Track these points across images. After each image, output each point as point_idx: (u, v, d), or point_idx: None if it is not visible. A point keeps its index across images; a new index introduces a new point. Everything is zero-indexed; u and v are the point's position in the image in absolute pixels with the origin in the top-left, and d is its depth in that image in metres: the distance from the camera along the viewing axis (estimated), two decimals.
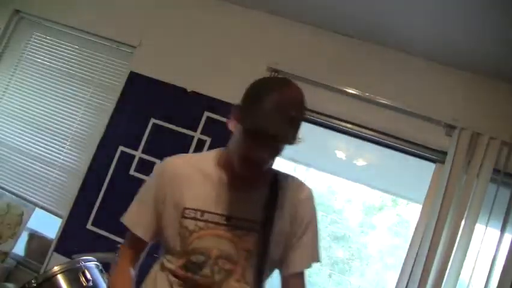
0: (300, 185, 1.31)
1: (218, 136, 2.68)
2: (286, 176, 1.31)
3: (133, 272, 1.31)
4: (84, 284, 1.81)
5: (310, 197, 1.30)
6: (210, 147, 2.66)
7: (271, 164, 1.21)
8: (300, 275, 1.27)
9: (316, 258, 1.28)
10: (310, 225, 1.27)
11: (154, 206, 1.25)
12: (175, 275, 1.21)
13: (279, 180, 1.27)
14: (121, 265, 1.32)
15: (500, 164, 2.38)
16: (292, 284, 1.26)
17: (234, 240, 1.18)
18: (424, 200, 2.52)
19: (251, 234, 1.19)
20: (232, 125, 1.20)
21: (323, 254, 1.28)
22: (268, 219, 1.20)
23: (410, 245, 2.43)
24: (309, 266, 1.26)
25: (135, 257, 1.33)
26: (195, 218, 1.18)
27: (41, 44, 3.15)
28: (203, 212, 1.19)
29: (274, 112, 1.07)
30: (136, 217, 1.29)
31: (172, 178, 1.23)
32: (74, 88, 3.02)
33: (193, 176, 1.23)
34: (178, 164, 1.27)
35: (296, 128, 1.13)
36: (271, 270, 1.26)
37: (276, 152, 1.15)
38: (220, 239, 1.18)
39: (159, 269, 1.26)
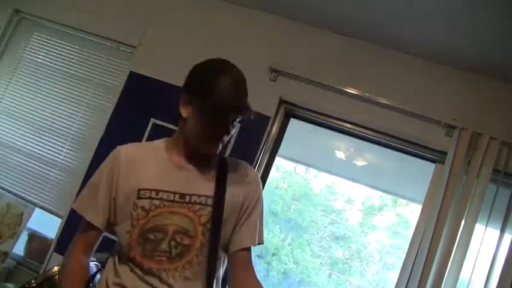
0: (247, 167, 1.40)
1: None
2: (232, 159, 1.40)
3: (86, 269, 1.31)
4: None
5: (257, 179, 1.38)
6: None
7: (227, 144, 1.31)
8: (247, 251, 1.31)
9: (259, 239, 1.34)
10: (257, 206, 1.34)
11: (107, 191, 1.27)
12: (130, 258, 1.22)
13: (227, 161, 1.37)
14: (73, 255, 1.31)
15: (500, 164, 2.38)
16: (240, 258, 1.30)
17: (190, 215, 1.22)
18: (424, 200, 2.53)
19: (206, 208, 1.24)
20: (186, 111, 1.28)
21: (322, 254, 1.29)
22: (219, 192, 1.26)
23: (410, 245, 2.43)
24: (255, 243, 1.32)
25: (88, 248, 1.32)
26: (150, 197, 1.22)
27: (41, 44, 3.15)
28: (157, 191, 1.23)
29: (233, 88, 1.23)
30: (87, 202, 1.30)
31: (125, 163, 1.28)
32: (74, 88, 3.02)
33: (145, 160, 1.29)
34: (130, 150, 1.34)
35: (246, 99, 1.29)
36: (223, 246, 1.29)
37: (234, 125, 1.27)
38: (177, 215, 1.22)
39: (117, 259, 1.28)
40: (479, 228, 2.33)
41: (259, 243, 1.33)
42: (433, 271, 2.29)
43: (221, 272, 1.33)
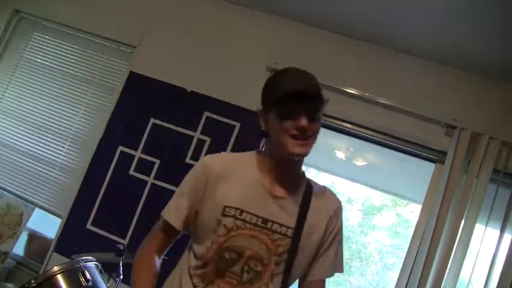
0: (332, 196, 1.35)
1: (218, 136, 2.68)
2: (319, 185, 1.35)
3: (158, 262, 1.30)
4: (84, 284, 1.81)
5: (341, 209, 1.34)
6: (210, 147, 2.67)
7: (312, 141, 1.22)
8: (322, 283, 1.30)
9: (340, 268, 1.32)
10: (337, 236, 1.30)
11: (192, 201, 1.27)
12: (203, 271, 1.21)
13: (312, 188, 1.31)
14: (147, 250, 1.31)
15: (500, 164, 2.38)
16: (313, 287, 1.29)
17: (268, 243, 1.20)
18: (424, 200, 2.53)
19: (285, 239, 1.21)
20: (264, 124, 1.26)
21: None
22: (299, 224, 1.22)
23: (410, 245, 2.43)
24: (331, 274, 1.30)
25: (162, 249, 1.33)
26: (234, 216, 1.20)
27: (41, 44, 3.15)
28: (242, 211, 1.20)
29: (295, 76, 1.20)
30: (173, 208, 1.31)
31: (214, 175, 1.25)
32: (74, 88, 3.02)
33: (234, 176, 1.25)
34: (220, 162, 1.29)
35: (318, 87, 1.22)
36: (295, 278, 1.27)
37: (314, 118, 1.20)
38: (255, 240, 1.20)
39: (185, 268, 1.26)
40: (479, 228, 2.33)
41: (336, 272, 1.31)
42: (433, 271, 2.29)
43: None
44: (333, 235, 1.29)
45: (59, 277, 1.81)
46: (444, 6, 2.08)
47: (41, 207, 2.88)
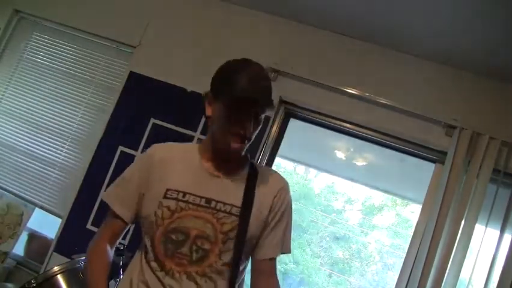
0: (277, 175, 1.39)
1: None
2: (263, 166, 1.41)
3: (110, 254, 1.31)
4: (84, 284, 1.80)
5: (287, 188, 1.36)
6: None
7: (250, 142, 1.27)
8: (271, 261, 1.32)
9: (287, 249, 1.34)
10: (285, 215, 1.33)
11: (137, 186, 1.29)
12: (154, 255, 1.23)
13: (256, 169, 1.35)
14: (98, 242, 1.32)
15: (500, 164, 2.38)
16: (264, 268, 1.31)
17: (213, 221, 1.23)
18: (424, 200, 2.53)
19: (230, 217, 1.24)
20: (210, 110, 1.30)
21: (322, 254, 1.29)
22: (247, 203, 1.26)
23: (410, 245, 2.43)
24: (279, 254, 1.33)
25: (113, 237, 1.34)
26: (176, 199, 1.23)
27: (41, 44, 3.15)
28: (185, 193, 1.24)
29: (252, 82, 1.21)
30: (117, 195, 1.32)
31: (157, 161, 1.29)
32: (74, 88, 3.02)
33: (177, 161, 1.30)
34: (164, 149, 1.35)
35: (270, 95, 1.25)
36: (246, 255, 1.30)
37: (258, 121, 1.25)
38: (200, 220, 1.23)
39: (143, 257, 1.28)
40: (479, 228, 2.33)
41: (283, 253, 1.33)
42: (433, 271, 2.29)
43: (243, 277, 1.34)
44: (279, 214, 1.31)
45: (59, 277, 1.81)
46: (445, 6, 2.08)
47: (41, 207, 2.88)
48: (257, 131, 1.27)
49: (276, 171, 1.40)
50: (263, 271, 1.31)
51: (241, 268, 1.28)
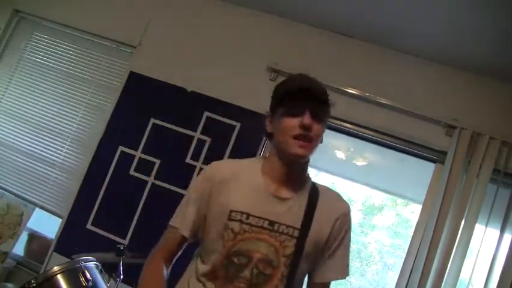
0: (339, 198, 1.35)
1: (218, 136, 2.68)
2: (325, 187, 1.35)
3: (165, 272, 1.29)
4: (84, 284, 1.81)
5: (348, 212, 1.33)
6: (210, 147, 2.67)
7: (315, 143, 1.25)
8: (325, 286, 1.31)
9: (346, 273, 1.32)
10: (345, 239, 1.30)
11: (197, 208, 1.28)
12: (212, 276, 1.22)
13: (318, 190, 1.31)
14: (155, 258, 1.30)
15: (500, 164, 2.38)
16: None
17: (276, 245, 1.20)
18: (424, 200, 2.53)
19: (292, 240, 1.21)
20: (270, 127, 1.28)
21: None
22: (305, 225, 1.23)
23: (410, 245, 2.43)
24: (338, 278, 1.31)
25: (169, 255, 1.32)
26: (240, 221, 1.21)
27: (41, 44, 3.15)
28: (248, 215, 1.21)
29: (302, 77, 1.25)
30: (180, 214, 1.31)
31: (219, 181, 1.26)
32: (74, 88, 3.02)
33: (239, 181, 1.27)
34: (225, 168, 1.32)
35: (324, 91, 1.24)
36: (301, 278, 1.28)
37: (319, 113, 1.22)
38: (263, 242, 1.20)
39: (193, 275, 1.27)
40: (479, 228, 2.33)
41: (340, 278, 1.32)
42: (433, 271, 2.29)
43: None
44: (339, 239, 1.29)
45: (59, 277, 1.81)
46: (445, 6, 2.08)
47: (41, 207, 2.88)
48: (321, 133, 1.25)
49: (337, 193, 1.36)
50: None
51: None
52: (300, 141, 1.19)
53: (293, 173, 1.26)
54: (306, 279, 1.33)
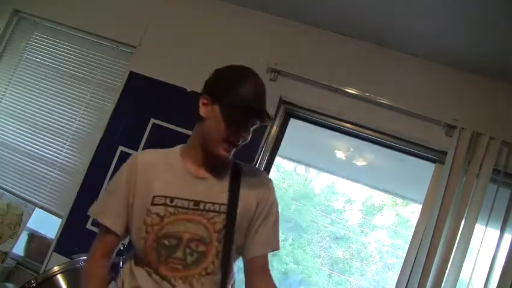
0: (261, 173, 1.44)
1: None
2: (246, 165, 1.40)
3: (105, 272, 1.30)
4: None
5: (272, 186, 1.38)
6: None
7: (237, 148, 1.29)
8: (262, 258, 1.32)
9: (276, 245, 1.34)
10: (271, 212, 1.33)
11: (124, 197, 1.28)
12: (146, 263, 1.23)
13: (241, 167, 1.36)
14: (93, 260, 1.31)
15: (500, 164, 2.38)
16: (255, 266, 1.31)
17: (204, 222, 1.24)
18: (424, 200, 2.52)
19: (220, 216, 1.25)
20: (204, 111, 1.28)
21: (322, 254, 1.29)
22: (232, 199, 1.27)
23: (410, 245, 2.43)
24: (270, 251, 1.32)
25: (107, 253, 1.32)
26: (164, 204, 1.23)
27: (41, 44, 3.15)
28: (172, 198, 1.24)
29: (257, 93, 1.25)
30: (105, 207, 1.33)
31: (142, 169, 1.29)
32: (74, 88, 3.02)
33: (161, 167, 1.30)
34: (147, 156, 1.35)
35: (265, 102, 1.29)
36: (237, 253, 1.31)
37: (249, 132, 1.28)
38: (191, 222, 1.23)
39: (133, 263, 1.28)
40: (479, 228, 2.33)
41: (273, 250, 1.33)
42: (433, 271, 2.29)
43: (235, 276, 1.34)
44: (265, 212, 1.32)
45: (59, 277, 1.81)
46: (444, 6, 2.08)
47: (41, 207, 2.88)
48: (247, 141, 1.29)
49: (260, 170, 1.43)
50: (255, 270, 1.31)
51: (233, 266, 1.29)
52: (228, 146, 1.25)
53: (213, 157, 1.29)
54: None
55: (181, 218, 1.23)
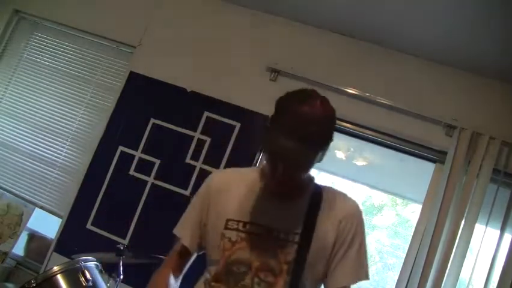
0: (345, 199, 1.27)
1: (218, 136, 2.68)
2: (330, 189, 1.29)
3: (173, 281, 1.28)
4: (84, 284, 1.80)
5: (356, 211, 1.25)
6: (210, 147, 2.67)
7: (305, 175, 1.20)
8: None
9: (362, 274, 1.23)
10: (355, 240, 1.22)
11: (200, 216, 1.28)
12: (217, 285, 1.21)
13: (321, 192, 1.26)
14: (162, 271, 1.30)
15: (500, 164, 2.38)
16: None
17: (276, 252, 1.17)
18: (424, 200, 2.52)
19: (293, 246, 1.17)
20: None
21: None
22: (307, 229, 1.18)
23: (410, 245, 2.43)
24: (354, 281, 1.22)
25: (178, 266, 1.33)
26: (237, 229, 1.20)
27: (41, 44, 3.15)
28: (245, 223, 1.20)
29: (285, 135, 1.04)
30: (183, 220, 1.33)
31: (217, 190, 1.27)
32: (74, 88, 3.02)
33: (237, 189, 1.25)
34: (224, 176, 1.33)
35: (315, 144, 1.09)
36: (315, 284, 1.24)
37: (296, 168, 1.13)
38: (262, 250, 1.18)
39: (203, 283, 1.27)
40: (479, 228, 2.33)
41: (360, 280, 1.22)
42: (433, 271, 2.29)
43: None
44: (349, 239, 1.21)
45: (59, 277, 1.80)
46: (445, 6, 2.07)
47: (41, 207, 2.88)
48: (305, 171, 1.17)
49: (343, 193, 1.29)
50: None
51: None
52: (276, 182, 1.15)
53: (289, 180, 1.19)
54: None
55: (252, 245, 1.18)
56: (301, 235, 1.17)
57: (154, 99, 2.82)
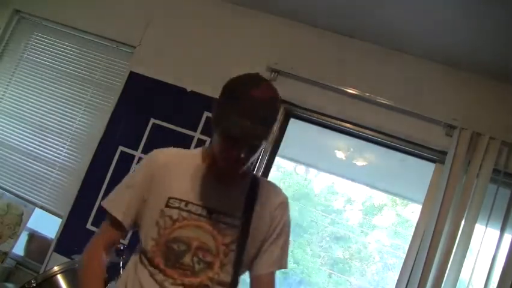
0: (279, 190, 1.36)
1: None
2: (265, 180, 1.38)
3: (105, 260, 1.29)
4: None
5: (287, 204, 1.35)
6: None
7: (254, 160, 1.23)
8: (271, 275, 1.30)
9: (284, 264, 1.32)
10: (284, 230, 1.31)
11: (140, 192, 1.27)
12: (153, 264, 1.22)
13: (259, 181, 1.33)
14: (94, 252, 1.29)
15: (500, 164, 2.38)
16: (263, 283, 1.30)
17: (214, 233, 1.22)
18: (424, 200, 2.52)
19: (231, 229, 1.22)
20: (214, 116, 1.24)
21: (322, 254, 1.29)
22: (246, 213, 1.24)
23: (410, 245, 2.43)
24: (277, 269, 1.30)
25: (109, 246, 1.32)
26: (179, 208, 1.22)
27: (41, 44, 3.15)
28: (187, 202, 1.22)
29: (244, 117, 1.09)
30: (118, 200, 1.30)
31: (161, 167, 1.27)
32: (74, 88, 3.02)
33: (180, 168, 1.28)
34: (167, 155, 1.33)
35: (268, 125, 1.15)
36: (244, 268, 1.29)
37: (253, 150, 1.17)
38: (202, 230, 1.21)
39: (138, 261, 1.27)
40: (479, 228, 2.33)
41: (281, 268, 1.31)
42: (433, 271, 2.29)
43: None
44: (278, 230, 1.29)
45: (59, 277, 1.81)
46: (445, 6, 2.08)
47: (41, 207, 2.88)
48: (255, 157, 1.20)
49: (276, 185, 1.37)
50: (262, 285, 1.29)
51: (239, 280, 1.27)
52: (228, 163, 1.17)
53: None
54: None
55: (192, 224, 1.21)
56: (241, 219, 1.23)
57: (154, 99, 2.83)
